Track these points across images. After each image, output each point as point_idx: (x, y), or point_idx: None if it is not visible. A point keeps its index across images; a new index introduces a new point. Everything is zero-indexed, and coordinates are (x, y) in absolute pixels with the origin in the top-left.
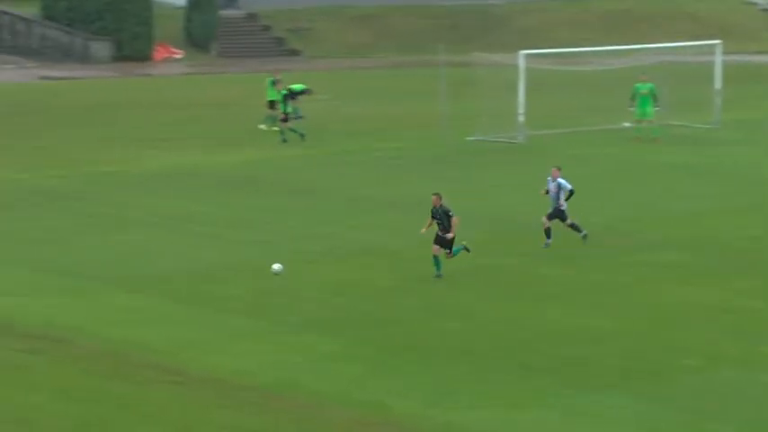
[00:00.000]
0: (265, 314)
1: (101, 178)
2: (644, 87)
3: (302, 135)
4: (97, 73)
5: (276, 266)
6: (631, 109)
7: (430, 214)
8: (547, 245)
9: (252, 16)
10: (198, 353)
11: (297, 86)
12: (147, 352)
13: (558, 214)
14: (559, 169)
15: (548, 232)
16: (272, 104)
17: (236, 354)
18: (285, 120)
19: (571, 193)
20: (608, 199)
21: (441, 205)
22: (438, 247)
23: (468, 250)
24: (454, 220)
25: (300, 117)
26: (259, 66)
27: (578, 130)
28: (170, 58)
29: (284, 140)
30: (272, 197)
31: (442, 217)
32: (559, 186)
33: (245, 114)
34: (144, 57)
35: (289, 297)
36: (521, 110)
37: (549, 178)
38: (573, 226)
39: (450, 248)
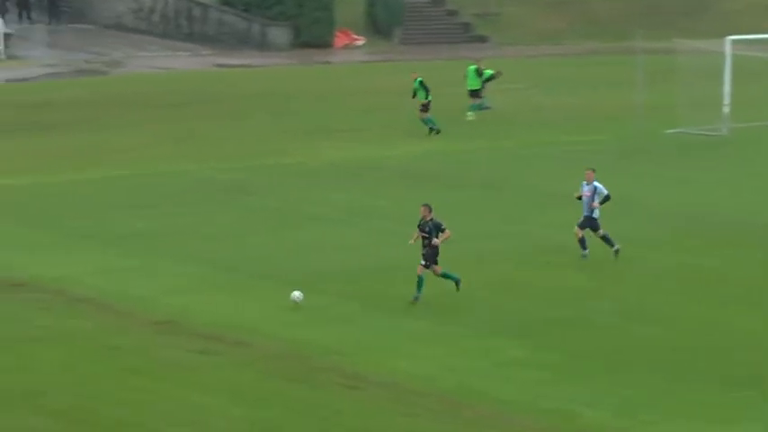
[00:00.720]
0: (446, 316)
1: (276, 171)
2: None
3: (437, 130)
4: (275, 60)
5: (296, 295)
6: None
7: (417, 226)
8: (584, 256)
9: (437, 1)
10: (376, 356)
11: (486, 72)
12: (323, 354)
13: (589, 223)
14: (594, 171)
15: (582, 242)
16: (474, 93)
17: (415, 357)
18: (425, 109)
19: (607, 198)
20: None
21: (431, 218)
22: (423, 266)
23: (457, 285)
24: (447, 234)
25: (487, 108)
26: (444, 53)
27: None
28: (351, 44)
29: (436, 131)
30: (456, 192)
31: (431, 230)
32: (595, 190)
33: (432, 104)
34: (324, 43)
35: (471, 299)
36: (726, 100)
37: (583, 182)
38: (605, 238)
39: (436, 262)
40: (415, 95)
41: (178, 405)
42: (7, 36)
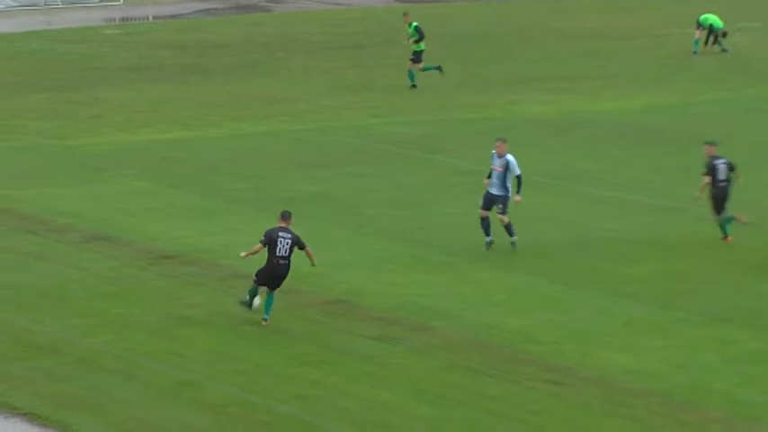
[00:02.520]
0: (671, 300)
1: (468, 126)
2: None
3: (413, 85)
4: None
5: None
6: None
7: (262, 237)
8: (488, 244)
9: None
10: (584, 347)
11: (717, 21)
12: (521, 343)
13: (497, 200)
14: (505, 142)
15: (485, 225)
16: None
17: (631, 349)
18: (417, 60)
19: (519, 179)
20: None
21: (288, 229)
22: (267, 287)
23: (266, 319)
24: (309, 250)
25: (726, 50)
26: None
27: None
28: None
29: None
30: (681, 153)
31: (289, 245)
32: (507, 166)
33: (653, 48)
34: None
35: (701, 280)
36: None
37: (493, 153)
38: (508, 227)
39: (275, 287)
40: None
41: (353, 401)
42: None
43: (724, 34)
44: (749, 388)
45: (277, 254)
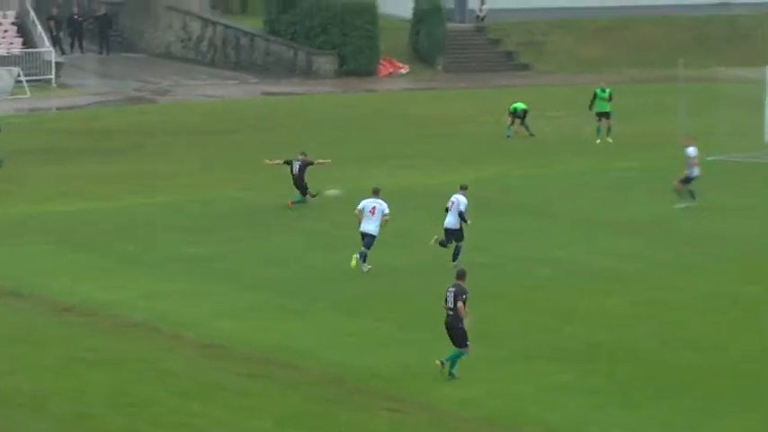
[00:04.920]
0: (491, 340)
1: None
2: None
3: None
4: (320, 88)
5: (332, 192)
6: None
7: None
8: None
9: (480, 29)
10: (421, 380)
11: (521, 105)
12: (368, 378)
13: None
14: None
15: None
16: (601, 116)
17: (460, 382)
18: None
19: (460, 216)
20: None
21: (459, 284)
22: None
23: (443, 362)
24: (460, 305)
25: (533, 134)
26: (486, 81)
27: None
28: (395, 72)
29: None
30: (500, 218)
31: (452, 296)
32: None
33: (474, 132)
34: (368, 72)
35: (517, 324)
36: (767, 128)
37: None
38: (442, 243)
39: (453, 340)
40: None
41: (227, 429)
42: (59, 65)
43: (524, 113)
44: (556, 412)
45: (445, 304)
